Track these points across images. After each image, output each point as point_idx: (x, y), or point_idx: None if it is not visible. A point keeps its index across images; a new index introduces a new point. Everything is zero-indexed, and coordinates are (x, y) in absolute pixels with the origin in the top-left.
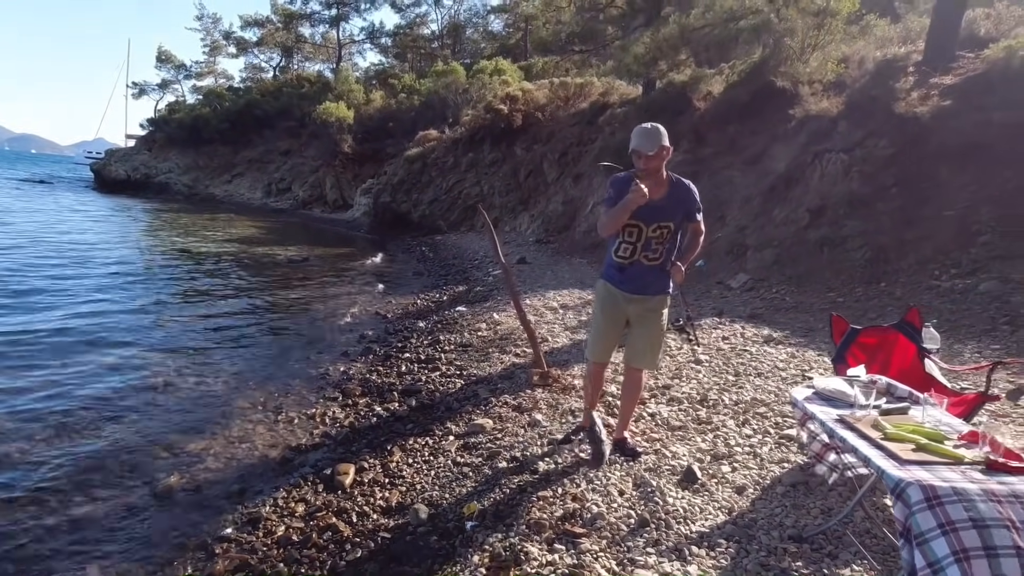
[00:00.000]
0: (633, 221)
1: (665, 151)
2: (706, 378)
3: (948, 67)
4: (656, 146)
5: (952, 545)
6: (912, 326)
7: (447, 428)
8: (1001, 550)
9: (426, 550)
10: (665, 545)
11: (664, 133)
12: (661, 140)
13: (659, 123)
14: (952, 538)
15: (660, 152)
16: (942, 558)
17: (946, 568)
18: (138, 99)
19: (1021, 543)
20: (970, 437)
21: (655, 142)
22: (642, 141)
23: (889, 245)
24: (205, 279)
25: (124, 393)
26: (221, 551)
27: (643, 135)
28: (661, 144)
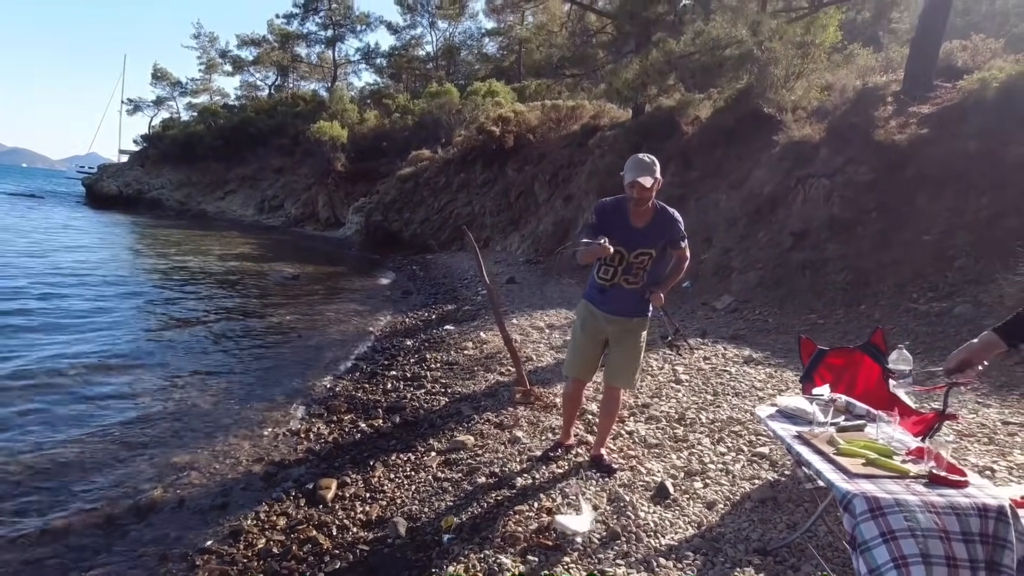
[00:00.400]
0: (618, 247)
1: (658, 183)
2: (685, 397)
3: (926, 96)
4: (653, 178)
5: (892, 552)
6: (877, 348)
7: (429, 444)
8: (935, 559)
9: (403, 562)
10: (634, 557)
11: (658, 165)
12: (656, 172)
13: (647, 147)
14: (892, 546)
15: (655, 184)
16: (882, 564)
17: (885, 574)
18: (132, 115)
19: (952, 553)
20: (917, 453)
21: (652, 174)
22: (640, 172)
23: (869, 268)
24: (193, 296)
25: (109, 408)
26: (202, 563)
27: (641, 167)
28: (656, 177)
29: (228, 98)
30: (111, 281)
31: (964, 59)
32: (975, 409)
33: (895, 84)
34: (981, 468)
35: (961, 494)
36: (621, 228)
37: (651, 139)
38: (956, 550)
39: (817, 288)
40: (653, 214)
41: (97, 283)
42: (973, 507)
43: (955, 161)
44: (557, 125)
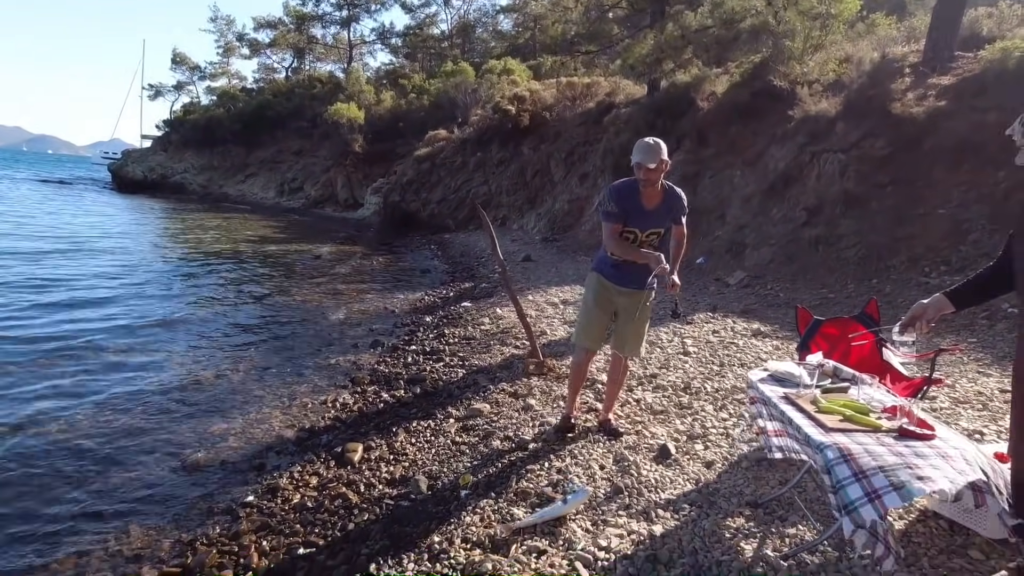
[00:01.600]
0: (630, 228)
1: (665, 164)
2: (692, 368)
3: (946, 67)
4: (657, 160)
5: (864, 488)
6: (871, 317)
7: (448, 412)
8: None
9: (424, 514)
10: (635, 509)
11: (664, 147)
12: (662, 154)
13: (662, 123)
14: (864, 483)
15: (660, 165)
16: (855, 499)
17: (859, 508)
18: (153, 100)
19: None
20: (891, 410)
21: (656, 156)
22: (645, 155)
23: (882, 243)
24: (220, 276)
25: (148, 381)
26: (245, 515)
27: (646, 150)
28: (662, 158)
29: (246, 81)
30: (144, 262)
31: (990, 27)
32: (974, 378)
33: (915, 55)
34: (971, 432)
35: (927, 445)
36: (635, 211)
37: (666, 116)
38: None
39: (829, 263)
40: (663, 195)
41: (131, 264)
42: (936, 455)
43: (973, 134)
44: (572, 103)
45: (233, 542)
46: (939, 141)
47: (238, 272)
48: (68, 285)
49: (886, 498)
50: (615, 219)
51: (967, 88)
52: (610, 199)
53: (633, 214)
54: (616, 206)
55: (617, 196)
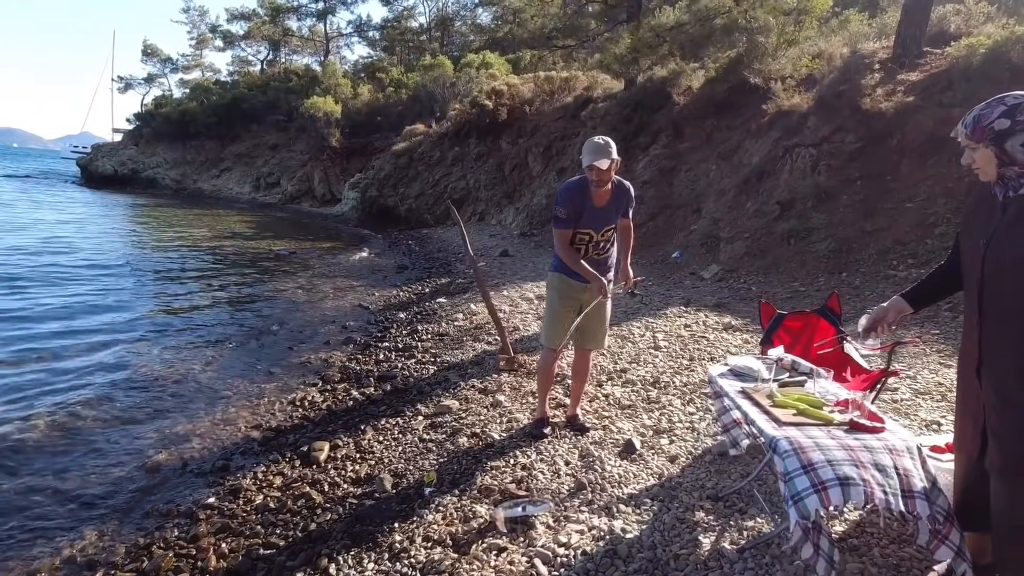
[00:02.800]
0: (585, 230)
1: (616, 163)
2: (662, 362)
3: (915, 63)
4: (609, 159)
5: (811, 480)
6: (832, 311)
7: (417, 410)
8: (852, 481)
9: (388, 512)
10: (597, 504)
11: (614, 146)
12: (612, 153)
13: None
14: (812, 475)
15: (612, 165)
16: (802, 491)
17: (805, 498)
18: (124, 93)
19: (867, 477)
20: (843, 404)
21: (608, 155)
22: (596, 156)
23: (852, 236)
24: (192, 273)
25: (112, 381)
26: (205, 516)
27: (596, 150)
28: (613, 157)
29: (220, 74)
30: (111, 259)
31: (957, 24)
32: (936, 369)
33: (885, 51)
34: (929, 422)
35: (875, 438)
36: (588, 211)
37: (643, 110)
38: (872, 475)
39: (801, 257)
40: (613, 191)
41: (98, 261)
42: (884, 448)
43: (940, 129)
44: (551, 97)
45: (191, 544)
46: (907, 136)
47: (210, 268)
48: (25, 283)
49: (831, 491)
50: (566, 225)
51: (935, 84)
52: (559, 204)
53: (585, 215)
54: (566, 211)
55: (567, 200)
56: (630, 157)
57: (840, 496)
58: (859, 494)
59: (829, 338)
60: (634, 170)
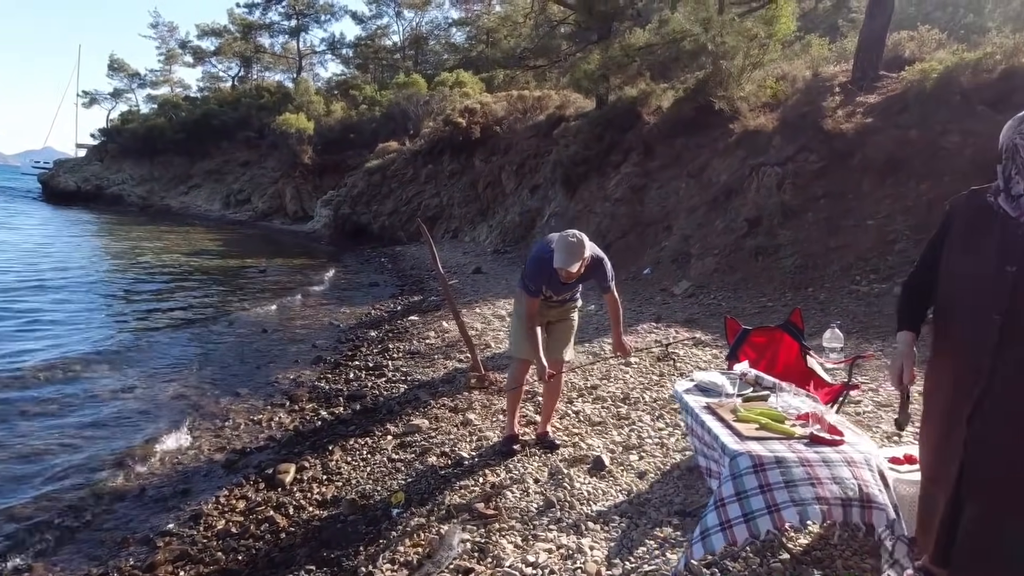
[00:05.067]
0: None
1: (586, 261)
2: (632, 379)
3: (872, 87)
4: (579, 263)
5: (767, 501)
6: (795, 326)
7: (386, 429)
8: (807, 502)
9: (354, 535)
10: (566, 522)
11: (586, 243)
12: (584, 253)
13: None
14: (767, 496)
15: (582, 265)
16: (756, 510)
17: (758, 517)
18: (89, 108)
19: (824, 495)
20: (804, 417)
21: (578, 259)
22: (568, 261)
23: (817, 253)
24: (158, 291)
25: (71, 403)
26: (163, 544)
27: (568, 255)
28: (583, 257)
29: (190, 90)
30: (73, 278)
31: (912, 49)
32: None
33: (844, 74)
34: (890, 434)
35: (834, 450)
36: (551, 283)
37: (614, 129)
38: (829, 491)
39: (768, 273)
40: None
41: (59, 280)
42: (842, 460)
43: (897, 149)
44: (523, 115)
45: (147, 574)
46: (867, 156)
47: (176, 287)
48: None
49: (785, 512)
50: (533, 294)
51: (891, 106)
52: (528, 278)
53: (549, 284)
54: (535, 284)
55: (536, 276)
56: (602, 175)
57: (795, 517)
58: (816, 514)
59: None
60: (606, 187)
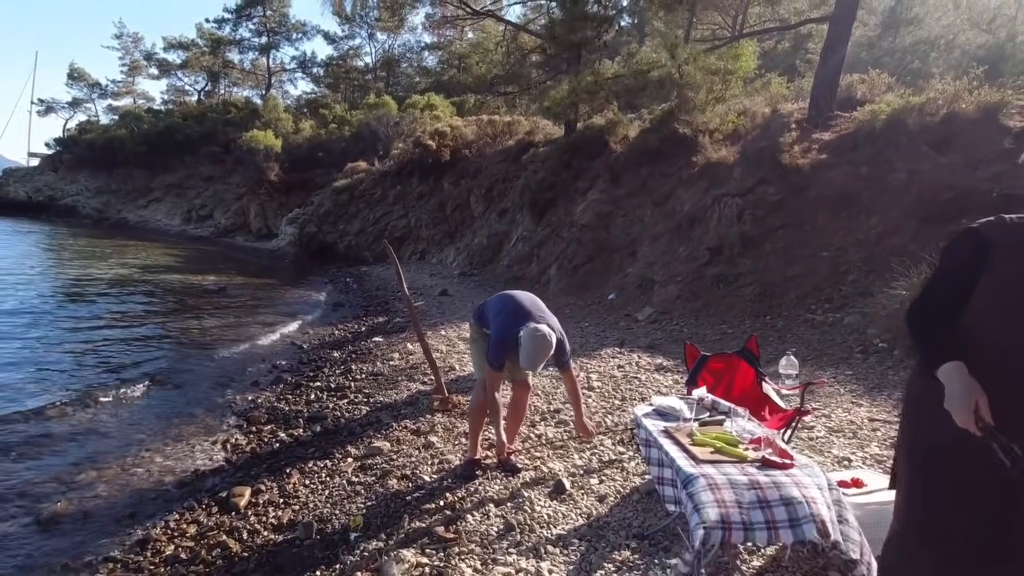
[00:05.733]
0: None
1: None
2: (595, 403)
3: (827, 124)
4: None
5: (722, 516)
6: (751, 353)
7: (347, 451)
8: (756, 525)
9: (310, 560)
10: (525, 546)
11: (553, 341)
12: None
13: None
14: (723, 511)
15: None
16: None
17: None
18: (44, 116)
19: (772, 517)
20: (757, 442)
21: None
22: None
23: (775, 282)
24: (110, 308)
25: (11, 423)
26: (106, 571)
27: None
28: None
29: (153, 102)
30: (19, 290)
31: (863, 91)
32: (848, 408)
33: (801, 112)
34: (840, 459)
35: (784, 474)
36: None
37: (581, 156)
38: (776, 514)
39: (729, 300)
40: None
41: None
42: (792, 483)
43: (849, 184)
44: (493, 140)
45: None
46: (821, 190)
47: (130, 303)
48: None
49: (735, 532)
50: (498, 369)
51: (843, 144)
52: (493, 354)
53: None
54: (498, 361)
55: (501, 354)
56: (569, 201)
57: (742, 538)
58: (763, 538)
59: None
60: (573, 213)
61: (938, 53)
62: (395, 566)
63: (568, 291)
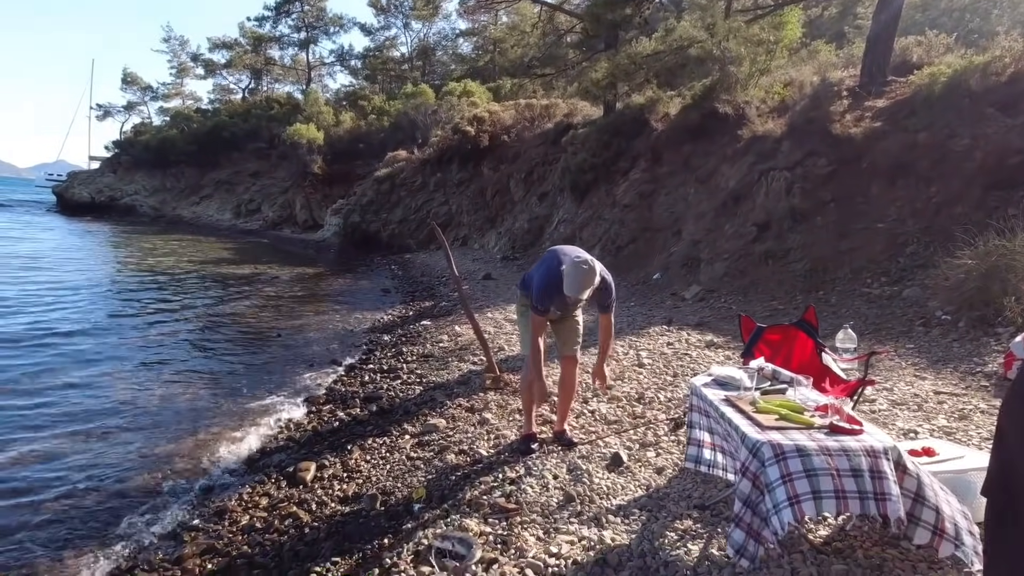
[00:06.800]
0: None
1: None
2: (647, 379)
3: (880, 91)
4: (589, 290)
5: (788, 492)
6: (810, 324)
7: (404, 429)
8: (824, 493)
9: (377, 529)
10: (586, 516)
11: (596, 271)
12: (595, 281)
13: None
14: (788, 487)
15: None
16: (780, 502)
17: (781, 511)
18: (102, 121)
19: (842, 487)
20: (823, 409)
21: (589, 286)
22: (578, 289)
23: (827, 256)
24: (174, 299)
25: (92, 405)
26: (189, 538)
27: (579, 284)
28: (594, 284)
29: (201, 102)
30: (92, 285)
31: (919, 54)
32: (911, 382)
33: (852, 79)
34: (906, 431)
35: (854, 440)
36: (559, 303)
37: (622, 136)
38: (846, 484)
39: (779, 276)
40: None
41: (78, 288)
42: (862, 449)
43: (906, 152)
44: (531, 124)
45: (176, 566)
46: (875, 160)
47: (192, 294)
48: (7, 310)
49: (804, 505)
50: (542, 314)
51: (899, 110)
52: (538, 301)
53: (556, 304)
54: (543, 306)
55: (545, 299)
56: (610, 182)
57: (813, 509)
58: (831, 507)
59: (810, 350)
60: (615, 194)
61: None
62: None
63: (612, 272)
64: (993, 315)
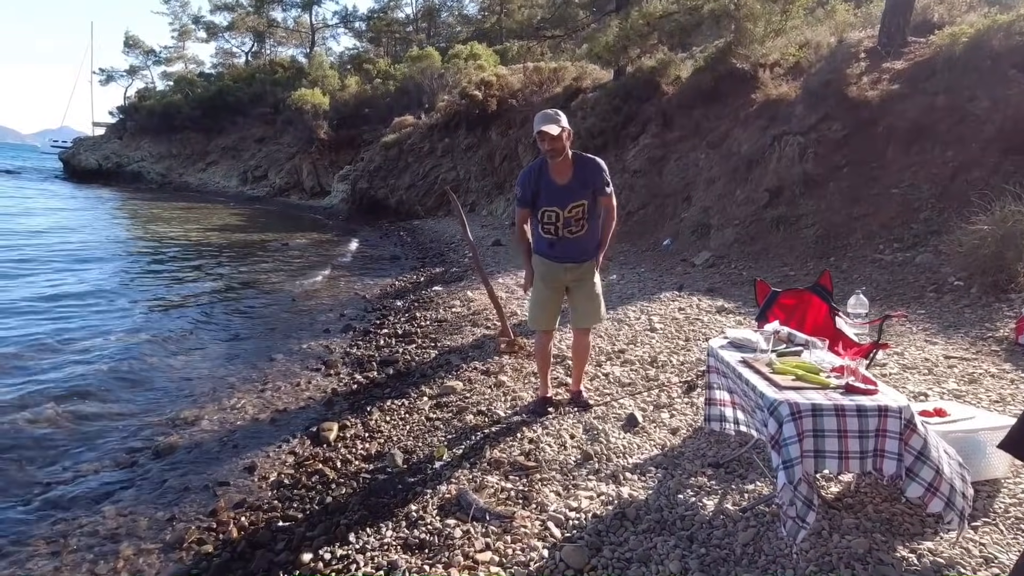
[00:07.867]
0: (551, 208)
1: (567, 132)
2: (659, 343)
3: (899, 52)
4: (559, 127)
5: (799, 450)
6: (824, 288)
7: (421, 391)
8: (828, 453)
9: (401, 485)
10: (604, 473)
11: (563, 116)
12: (562, 122)
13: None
14: (801, 444)
15: (562, 134)
16: (794, 458)
17: (795, 466)
18: (106, 85)
19: (845, 448)
20: (839, 370)
21: (557, 122)
22: (545, 122)
23: (839, 222)
24: (184, 266)
25: (115, 370)
26: (221, 492)
27: (546, 118)
28: (562, 125)
29: (204, 66)
30: (106, 253)
31: (941, 13)
32: (922, 346)
33: (870, 40)
34: (916, 394)
35: (868, 399)
36: (546, 189)
37: (632, 100)
38: (850, 445)
39: (790, 242)
40: (573, 166)
41: (93, 255)
42: (875, 408)
43: (923, 116)
44: (540, 88)
45: (211, 518)
46: (892, 124)
47: (204, 261)
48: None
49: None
50: (522, 203)
51: (919, 72)
52: (518, 183)
53: (545, 193)
54: (522, 190)
55: (524, 179)
56: (620, 147)
57: (812, 467)
58: (833, 466)
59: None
60: (624, 159)
61: None
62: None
63: (622, 238)
64: (1006, 281)
